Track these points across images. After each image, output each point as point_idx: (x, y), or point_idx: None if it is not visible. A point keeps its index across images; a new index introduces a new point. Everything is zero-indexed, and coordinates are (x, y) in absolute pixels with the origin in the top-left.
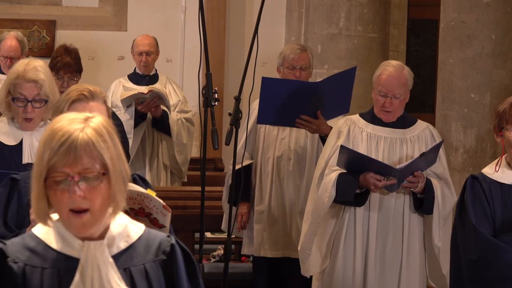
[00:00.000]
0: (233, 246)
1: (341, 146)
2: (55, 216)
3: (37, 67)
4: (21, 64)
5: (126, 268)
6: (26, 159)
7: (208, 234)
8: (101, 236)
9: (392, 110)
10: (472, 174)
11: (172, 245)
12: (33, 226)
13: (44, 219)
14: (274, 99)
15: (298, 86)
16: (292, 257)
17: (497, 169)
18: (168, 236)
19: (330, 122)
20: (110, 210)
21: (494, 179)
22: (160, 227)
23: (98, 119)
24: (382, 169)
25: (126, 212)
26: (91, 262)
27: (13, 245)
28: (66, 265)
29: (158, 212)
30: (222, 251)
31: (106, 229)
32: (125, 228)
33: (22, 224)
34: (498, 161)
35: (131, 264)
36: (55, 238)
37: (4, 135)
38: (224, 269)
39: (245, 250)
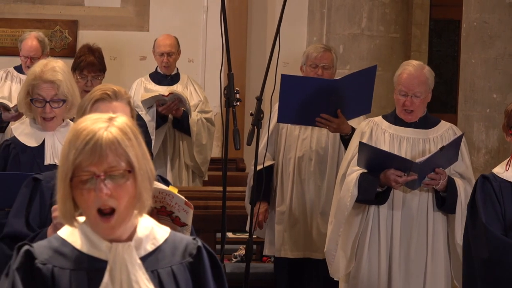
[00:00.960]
0: (254, 247)
1: (360, 142)
2: (80, 219)
3: (55, 68)
4: (39, 65)
5: (153, 270)
6: (48, 160)
7: (230, 234)
8: (129, 238)
9: (413, 109)
10: (483, 174)
11: (198, 248)
12: (54, 226)
13: (71, 221)
14: (294, 97)
15: (318, 83)
16: (313, 258)
17: (507, 169)
18: (194, 239)
19: (351, 122)
20: (136, 209)
21: (505, 178)
22: (182, 225)
23: (122, 119)
24: (402, 164)
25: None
26: (120, 264)
27: (40, 247)
28: (94, 266)
29: (180, 209)
30: (243, 251)
31: (133, 231)
32: (152, 231)
33: (45, 224)
34: (509, 160)
35: (159, 266)
36: (81, 241)
37: (26, 136)
38: (245, 270)
39: (266, 251)
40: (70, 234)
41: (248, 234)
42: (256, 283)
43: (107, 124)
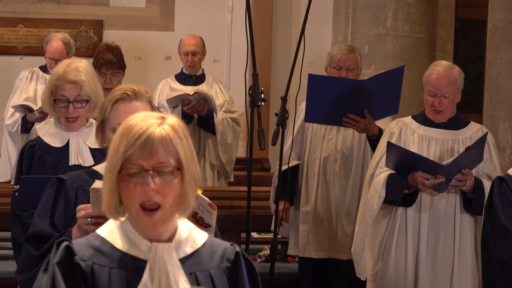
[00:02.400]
0: (279, 246)
1: (388, 143)
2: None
3: (78, 68)
4: (62, 65)
5: (192, 273)
6: (72, 161)
7: (255, 234)
8: (169, 239)
9: (441, 109)
10: (499, 175)
11: (237, 253)
12: (78, 226)
13: (115, 214)
14: (321, 97)
15: (345, 83)
16: (338, 258)
17: None
18: (232, 244)
19: (378, 123)
20: (180, 210)
21: None
22: (206, 226)
23: (174, 119)
24: (429, 166)
25: None
26: (159, 264)
27: (79, 245)
28: (134, 265)
29: (204, 211)
30: (268, 251)
31: (174, 232)
32: (191, 234)
33: (69, 224)
34: None
35: (197, 269)
36: (121, 239)
37: (51, 136)
38: (270, 269)
39: (291, 251)
40: (110, 233)
41: (272, 234)
42: (281, 283)
43: (160, 121)
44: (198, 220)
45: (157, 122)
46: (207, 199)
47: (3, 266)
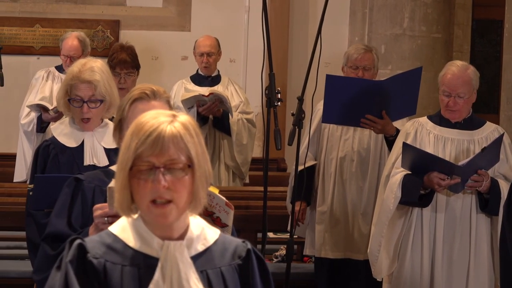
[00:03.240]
0: (295, 247)
1: (404, 143)
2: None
3: (93, 68)
4: (77, 65)
5: (203, 271)
6: (87, 161)
7: (271, 234)
8: (181, 237)
9: (456, 109)
10: None
11: (248, 250)
12: (95, 226)
13: (127, 211)
14: (339, 97)
15: (363, 84)
16: (354, 259)
17: None
18: (244, 242)
19: (395, 123)
20: (191, 207)
21: None
22: (223, 226)
23: (185, 117)
24: (445, 167)
25: None
26: (171, 262)
27: (92, 242)
28: (145, 263)
29: (221, 210)
30: (284, 252)
31: (185, 230)
32: (203, 231)
33: (86, 224)
34: None
35: (208, 267)
36: (133, 237)
37: (65, 137)
38: (286, 269)
39: (307, 251)
40: (122, 230)
41: (289, 234)
42: (297, 283)
43: (171, 119)
44: (215, 220)
45: (168, 120)
46: (224, 198)
47: (20, 266)
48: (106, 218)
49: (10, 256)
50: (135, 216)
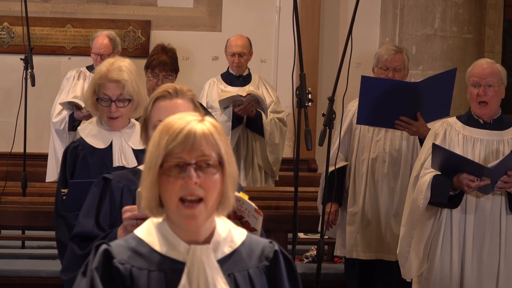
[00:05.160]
0: (326, 247)
1: (433, 144)
2: (158, 219)
3: (121, 67)
4: (106, 64)
5: (230, 274)
6: (116, 162)
7: (301, 235)
8: (207, 240)
9: (487, 100)
10: None
11: (275, 252)
12: (124, 227)
13: (155, 211)
14: (374, 98)
15: (398, 86)
16: (385, 260)
17: None
18: (271, 242)
19: (430, 125)
20: (220, 207)
21: None
22: (252, 230)
23: (212, 120)
24: (474, 168)
25: None
26: (197, 266)
27: (118, 247)
28: (172, 268)
29: (250, 215)
30: (315, 252)
31: (212, 233)
32: (229, 233)
33: (115, 224)
34: None
35: (235, 270)
36: (159, 241)
37: (93, 138)
38: (317, 270)
39: (338, 251)
40: (148, 234)
41: (319, 234)
42: (327, 284)
43: (200, 118)
44: (244, 224)
45: (197, 119)
46: (253, 204)
47: (50, 266)
48: (135, 221)
49: (41, 255)
50: (161, 219)
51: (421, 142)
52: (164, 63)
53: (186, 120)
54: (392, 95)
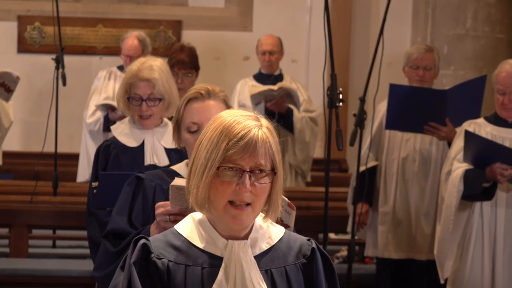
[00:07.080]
0: (356, 248)
1: (466, 131)
2: (198, 215)
3: (152, 66)
4: (137, 63)
5: (267, 270)
6: (148, 161)
7: (332, 235)
8: (245, 236)
9: (511, 107)
10: None
11: (313, 249)
12: (157, 224)
13: (202, 207)
14: (402, 105)
15: (426, 93)
16: (416, 259)
17: None
18: (309, 240)
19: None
20: (268, 213)
21: None
22: (284, 227)
23: (267, 121)
24: (507, 155)
25: None
26: (235, 261)
27: (156, 241)
28: (209, 263)
29: (282, 211)
30: (345, 252)
31: (250, 229)
32: (267, 230)
33: (147, 222)
34: None
35: (272, 266)
36: (198, 237)
37: (126, 136)
38: (347, 270)
39: (368, 252)
40: (187, 229)
41: (350, 235)
42: (358, 285)
43: (259, 123)
44: (276, 221)
45: (257, 124)
46: (286, 199)
47: (81, 265)
48: (168, 217)
49: (72, 255)
50: (202, 216)
51: (449, 143)
52: (182, 62)
53: (247, 125)
54: (421, 102)
